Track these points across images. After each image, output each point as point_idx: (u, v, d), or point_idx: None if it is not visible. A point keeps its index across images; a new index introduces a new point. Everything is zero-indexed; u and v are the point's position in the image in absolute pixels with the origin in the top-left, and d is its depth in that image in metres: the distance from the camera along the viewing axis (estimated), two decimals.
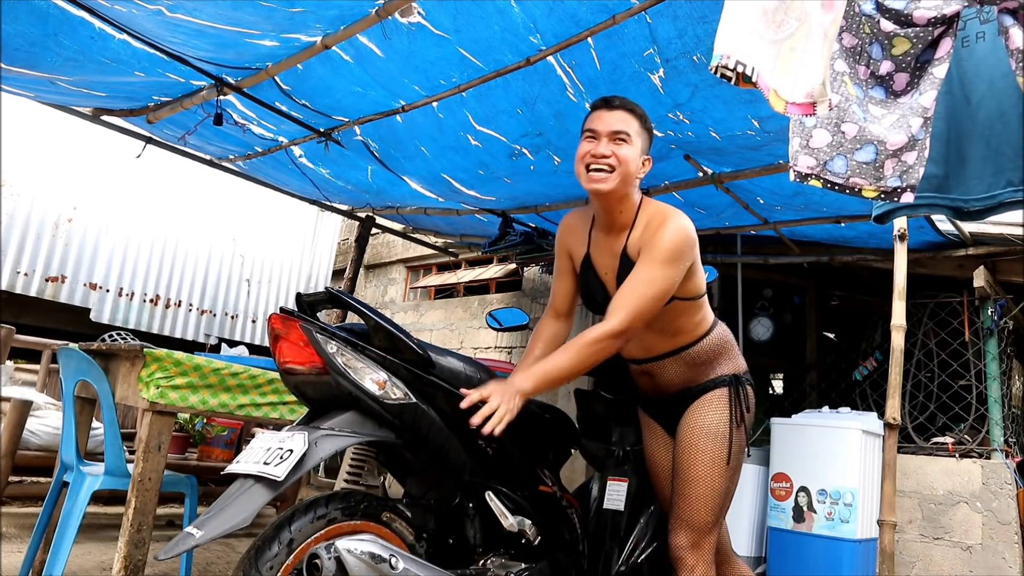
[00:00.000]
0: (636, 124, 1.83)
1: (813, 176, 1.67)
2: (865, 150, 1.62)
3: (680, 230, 1.77)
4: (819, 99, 1.47)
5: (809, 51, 1.49)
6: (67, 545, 2.32)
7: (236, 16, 2.47)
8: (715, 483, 1.86)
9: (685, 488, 1.88)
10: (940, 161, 1.88)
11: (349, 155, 3.80)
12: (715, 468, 1.86)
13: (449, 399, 1.72)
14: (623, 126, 1.80)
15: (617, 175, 1.78)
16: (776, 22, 1.51)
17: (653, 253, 1.76)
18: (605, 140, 1.80)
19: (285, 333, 1.64)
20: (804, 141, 1.67)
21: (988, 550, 3.40)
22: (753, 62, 1.48)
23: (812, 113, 1.49)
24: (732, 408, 1.91)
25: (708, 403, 1.92)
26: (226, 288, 6.59)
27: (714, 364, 1.96)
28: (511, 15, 2.32)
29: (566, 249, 2.05)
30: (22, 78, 3.17)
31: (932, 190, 1.90)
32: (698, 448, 1.87)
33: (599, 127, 1.81)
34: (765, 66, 1.49)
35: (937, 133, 1.85)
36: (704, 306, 1.96)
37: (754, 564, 3.77)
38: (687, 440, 1.90)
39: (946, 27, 1.59)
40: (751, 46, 1.49)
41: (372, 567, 1.46)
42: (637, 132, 1.82)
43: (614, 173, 1.78)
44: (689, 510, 1.86)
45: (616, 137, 1.79)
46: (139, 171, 5.55)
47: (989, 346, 3.80)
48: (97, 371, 2.39)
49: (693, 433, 1.89)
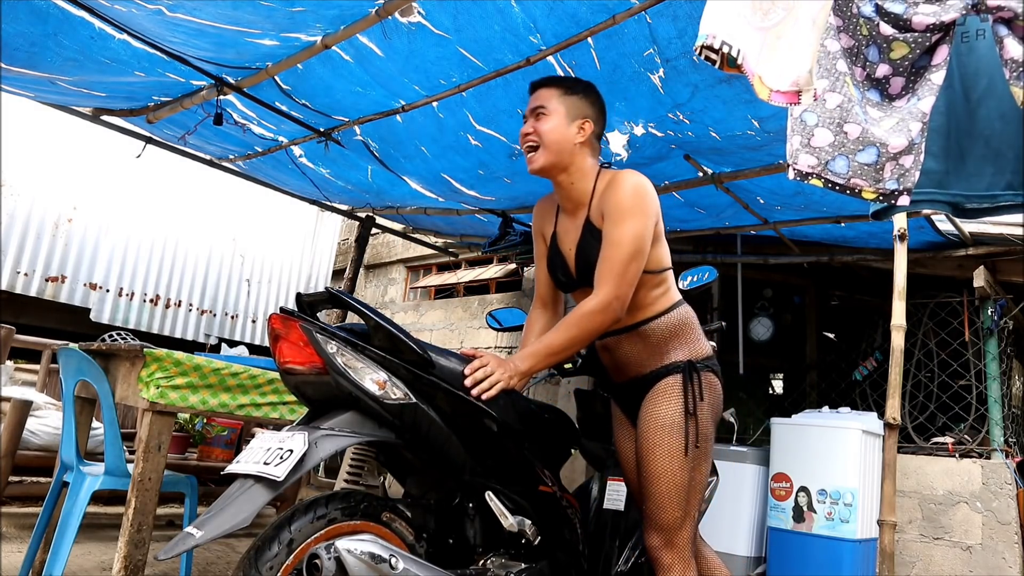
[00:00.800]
0: (556, 93, 1.86)
1: (814, 175, 1.66)
2: (867, 151, 1.62)
3: (633, 184, 1.79)
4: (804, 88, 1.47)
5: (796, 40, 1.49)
6: (67, 545, 2.32)
7: (236, 15, 2.47)
8: (675, 477, 1.77)
9: (648, 486, 1.81)
10: (940, 156, 1.86)
11: (349, 155, 3.80)
12: (673, 461, 1.78)
13: (449, 399, 1.72)
14: (539, 102, 1.87)
15: (543, 149, 1.84)
16: (763, 10, 1.51)
17: (613, 214, 1.78)
18: (529, 120, 1.88)
19: (285, 333, 1.64)
20: (805, 140, 1.67)
21: (988, 550, 3.40)
22: (739, 44, 1.47)
23: (797, 102, 1.48)
24: (685, 396, 1.82)
25: (661, 392, 1.84)
26: (226, 288, 6.59)
27: (670, 347, 1.88)
28: (511, 15, 2.32)
29: (540, 233, 2.07)
30: (22, 78, 3.17)
31: (932, 185, 1.88)
32: (653, 442, 1.80)
33: (526, 111, 1.90)
34: (751, 51, 1.49)
35: (937, 127, 1.84)
36: (666, 282, 1.92)
37: (754, 564, 3.77)
38: (643, 434, 1.83)
39: (943, 34, 1.59)
40: (738, 29, 1.48)
41: (372, 567, 1.46)
42: (558, 101, 1.85)
43: (539, 148, 1.84)
44: (655, 508, 1.79)
45: (534, 113, 1.87)
46: (139, 171, 5.55)
47: (989, 346, 3.80)
48: (97, 371, 2.39)
49: (648, 426, 1.82)
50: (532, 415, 1.96)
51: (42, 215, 5.38)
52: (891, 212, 2.08)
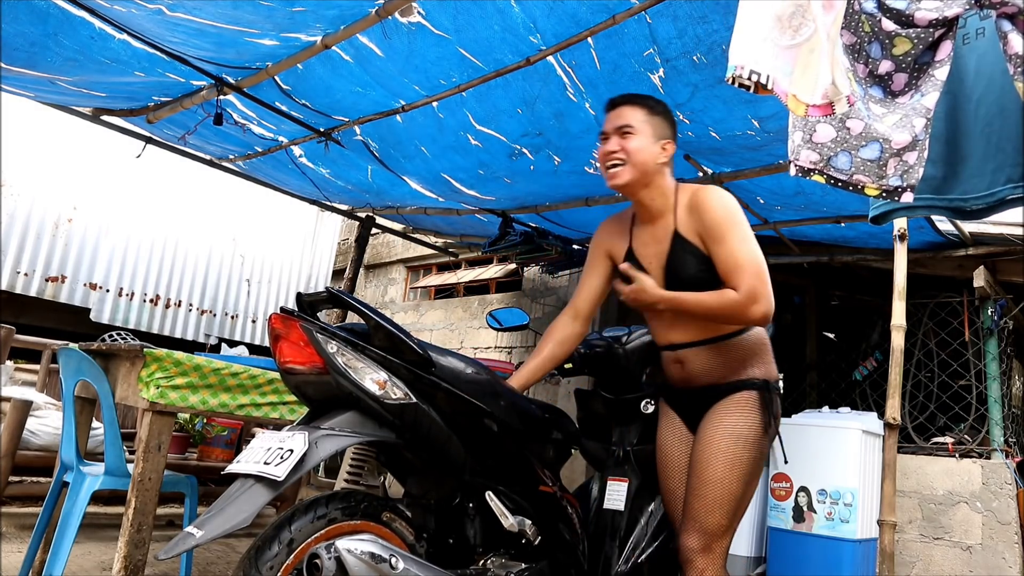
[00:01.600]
0: (641, 113, 1.90)
1: (816, 171, 1.66)
2: (870, 147, 1.61)
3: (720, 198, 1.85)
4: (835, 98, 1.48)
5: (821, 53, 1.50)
6: (67, 545, 2.32)
7: (236, 15, 2.47)
8: (731, 486, 1.79)
9: (701, 488, 1.81)
10: (939, 162, 1.87)
11: (349, 155, 3.80)
12: (734, 470, 1.79)
13: (449, 399, 1.72)
14: (624, 120, 1.89)
15: (629, 167, 1.87)
16: (793, 27, 1.52)
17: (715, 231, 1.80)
18: (614, 138, 1.90)
19: (285, 333, 1.64)
20: (807, 136, 1.66)
21: (988, 550, 3.40)
22: (768, 70, 1.48)
23: (831, 113, 1.50)
24: (760, 413, 1.84)
25: (736, 404, 1.85)
26: (226, 288, 6.59)
27: (747, 364, 1.90)
28: (511, 15, 2.32)
29: (604, 248, 2.09)
30: (22, 78, 3.17)
31: (930, 192, 1.89)
32: (719, 449, 1.81)
33: (607, 127, 1.92)
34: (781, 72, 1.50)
35: (936, 134, 1.84)
36: None
37: (754, 564, 3.77)
38: (709, 439, 1.84)
39: (946, 29, 1.59)
40: (764, 54, 1.49)
41: (372, 567, 1.46)
42: (644, 120, 1.89)
43: (626, 165, 1.88)
44: (704, 511, 1.80)
45: (620, 132, 1.89)
46: (139, 171, 5.55)
47: (989, 346, 3.80)
48: (97, 371, 2.39)
49: (716, 432, 1.83)
50: (532, 415, 1.96)
51: (42, 215, 5.38)
52: (890, 216, 2.09)
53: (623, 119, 1.89)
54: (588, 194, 3.90)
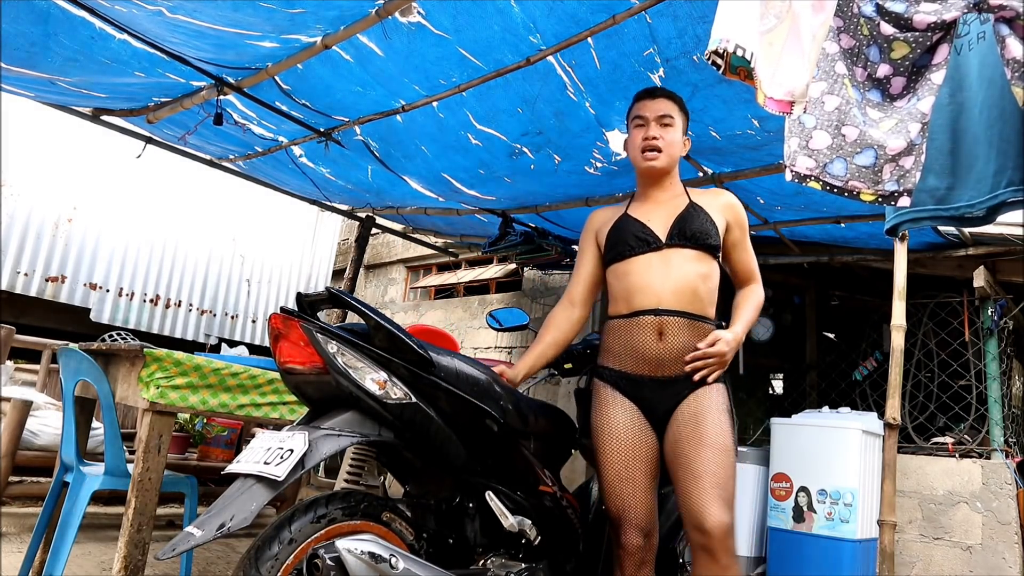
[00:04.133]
0: (676, 107, 2.05)
1: (812, 178, 1.67)
2: (865, 154, 1.62)
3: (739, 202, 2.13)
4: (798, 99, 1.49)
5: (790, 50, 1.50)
6: (67, 545, 2.32)
7: (236, 17, 2.47)
8: (731, 454, 1.82)
9: (718, 457, 1.78)
10: (943, 173, 1.88)
11: (349, 155, 3.80)
12: (730, 439, 1.84)
13: (449, 399, 1.72)
14: (666, 110, 2.02)
15: (666, 154, 2.02)
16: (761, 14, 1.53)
17: (745, 225, 2.11)
18: (653, 124, 2.01)
19: (285, 333, 1.64)
20: (803, 142, 1.67)
21: (988, 550, 3.40)
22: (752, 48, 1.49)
23: (788, 112, 1.51)
24: (729, 403, 1.93)
25: (711, 390, 1.90)
26: (226, 288, 6.59)
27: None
28: (511, 15, 2.32)
29: (593, 234, 2.15)
30: (22, 78, 3.17)
31: (934, 202, 1.90)
32: (714, 419, 1.83)
33: (646, 113, 2.03)
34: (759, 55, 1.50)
35: (940, 146, 1.85)
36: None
37: (754, 564, 3.77)
38: (702, 415, 1.84)
39: (944, 33, 1.59)
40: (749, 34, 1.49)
41: (372, 567, 1.46)
42: (678, 115, 2.05)
43: (663, 153, 2.01)
44: (726, 478, 1.78)
45: (662, 121, 2.02)
46: (139, 171, 5.55)
47: (989, 346, 3.80)
48: (97, 371, 2.39)
49: (707, 408, 1.85)
50: (532, 415, 1.96)
51: (42, 215, 5.38)
52: (902, 228, 2.14)
53: (665, 109, 2.02)
54: (588, 194, 3.90)
